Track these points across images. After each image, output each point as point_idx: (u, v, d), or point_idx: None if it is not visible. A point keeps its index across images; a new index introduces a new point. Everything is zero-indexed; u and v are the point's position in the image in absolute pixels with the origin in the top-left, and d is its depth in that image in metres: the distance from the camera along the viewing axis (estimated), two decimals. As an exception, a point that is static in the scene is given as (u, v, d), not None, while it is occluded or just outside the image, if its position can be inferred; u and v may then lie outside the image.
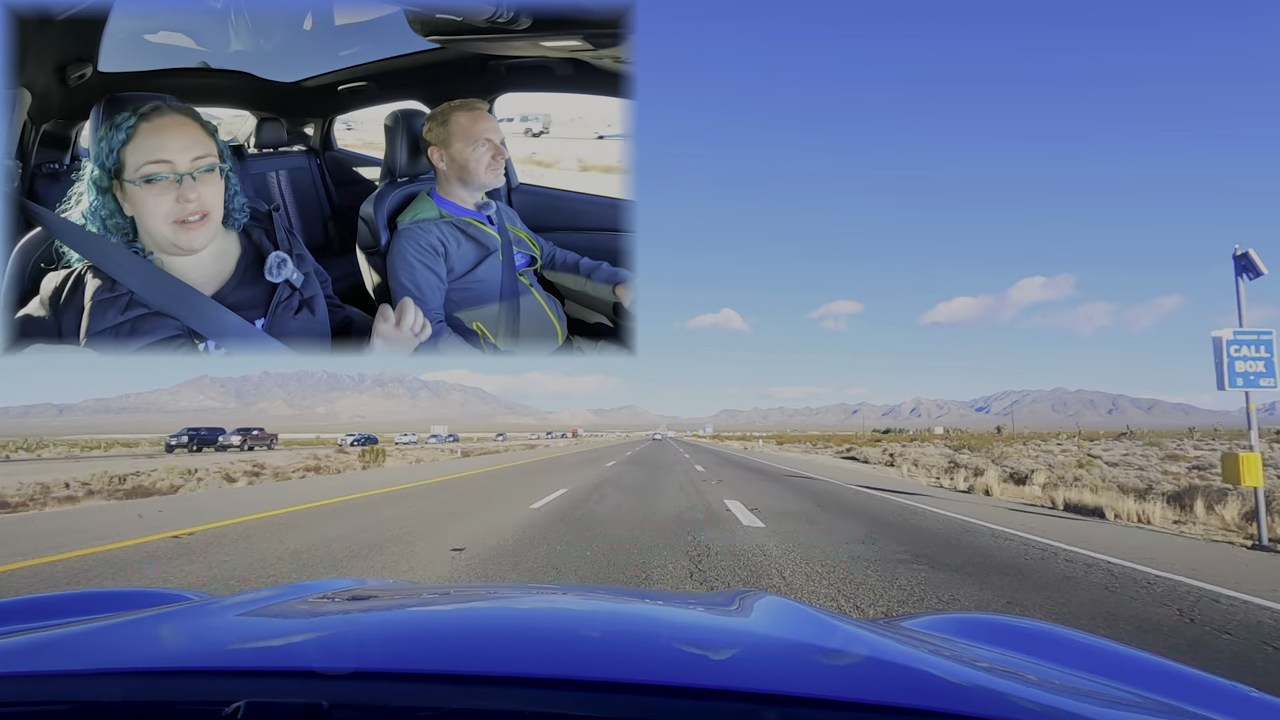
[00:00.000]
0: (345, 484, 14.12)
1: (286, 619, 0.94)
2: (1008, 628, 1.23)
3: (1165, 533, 7.80)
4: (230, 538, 6.60)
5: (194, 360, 2.48)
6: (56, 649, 0.78)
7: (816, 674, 0.74)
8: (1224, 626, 3.73)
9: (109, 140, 2.26)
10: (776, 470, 19.29)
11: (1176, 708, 0.79)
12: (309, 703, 0.60)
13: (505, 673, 0.66)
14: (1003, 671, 0.84)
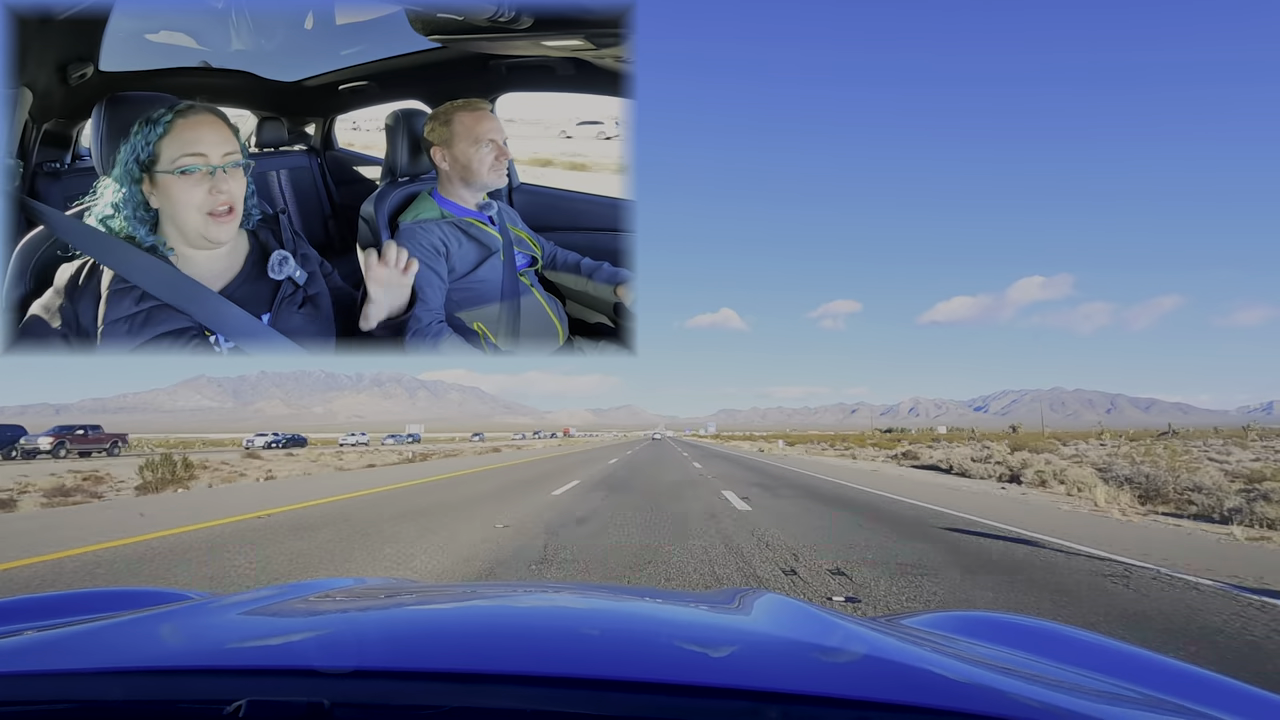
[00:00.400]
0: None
1: (287, 618, 0.95)
2: (1009, 625, 1.23)
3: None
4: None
5: (199, 357, 2.51)
6: (58, 648, 0.79)
7: (817, 671, 0.74)
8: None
9: (145, 134, 2.37)
10: (873, 501, 10.58)
11: (1178, 705, 0.79)
12: (310, 701, 0.60)
13: (506, 671, 0.66)
14: (1004, 669, 0.84)
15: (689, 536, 6.77)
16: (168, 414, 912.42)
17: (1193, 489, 10.76)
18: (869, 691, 0.64)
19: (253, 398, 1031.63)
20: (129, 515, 8.88)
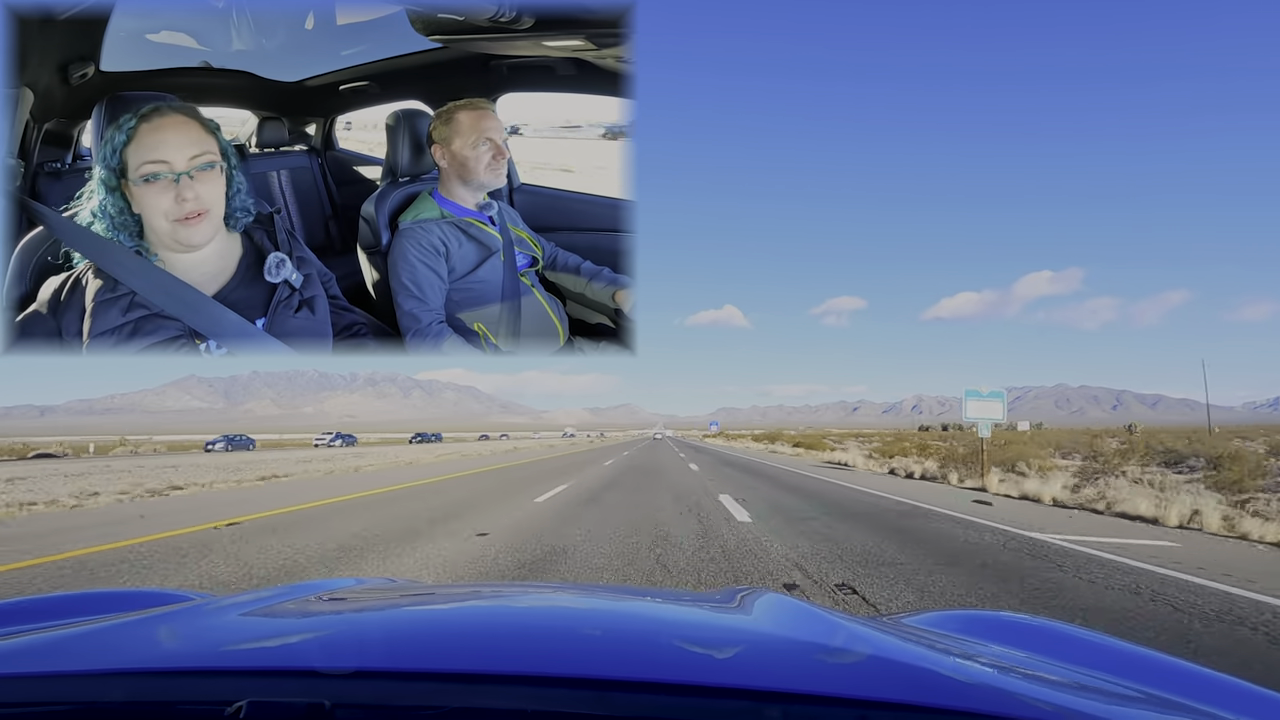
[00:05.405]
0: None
1: (287, 619, 0.94)
2: (1010, 625, 1.22)
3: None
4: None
5: (192, 360, 2.50)
6: (59, 650, 0.78)
7: (818, 671, 0.73)
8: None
9: (112, 141, 2.31)
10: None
11: (1180, 704, 0.79)
12: (310, 702, 0.60)
13: (507, 671, 0.66)
14: (1006, 668, 0.83)
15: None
16: (156, 415, 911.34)
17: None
18: (871, 691, 0.64)
19: (244, 398, 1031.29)
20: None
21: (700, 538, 6.68)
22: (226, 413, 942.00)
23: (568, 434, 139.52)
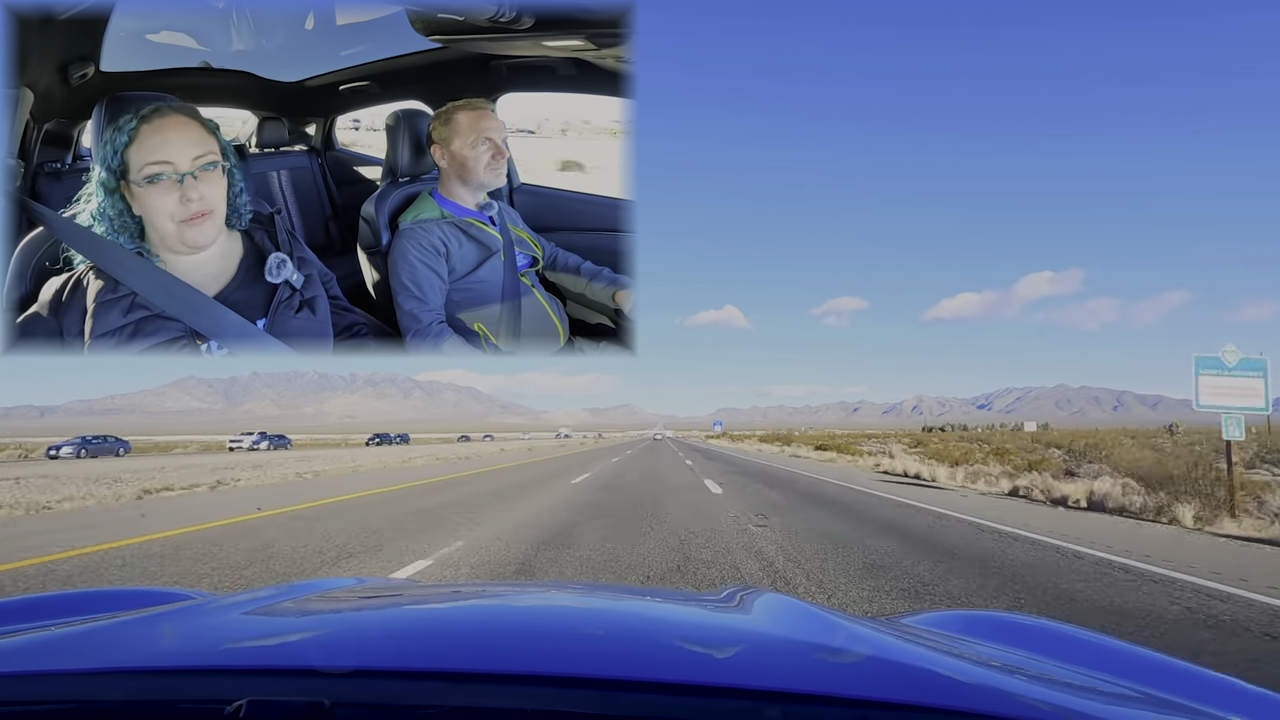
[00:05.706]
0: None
1: (287, 617, 0.94)
2: (1010, 624, 1.22)
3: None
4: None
5: (192, 361, 2.49)
6: (59, 648, 0.78)
7: (818, 671, 0.73)
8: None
9: (112, 142, 2.29)
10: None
11: (1179, 704, 0.79)
12: (310, 701, 0.60)
13: (507, 670, 0.66)
14: (1005, 668, 0.83)
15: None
16: (156, 415, 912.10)
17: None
18: (871, 691, 0.64)
19: (244, 399, 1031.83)
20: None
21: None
22: (226, 413, 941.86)
23: (562, 435, 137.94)
